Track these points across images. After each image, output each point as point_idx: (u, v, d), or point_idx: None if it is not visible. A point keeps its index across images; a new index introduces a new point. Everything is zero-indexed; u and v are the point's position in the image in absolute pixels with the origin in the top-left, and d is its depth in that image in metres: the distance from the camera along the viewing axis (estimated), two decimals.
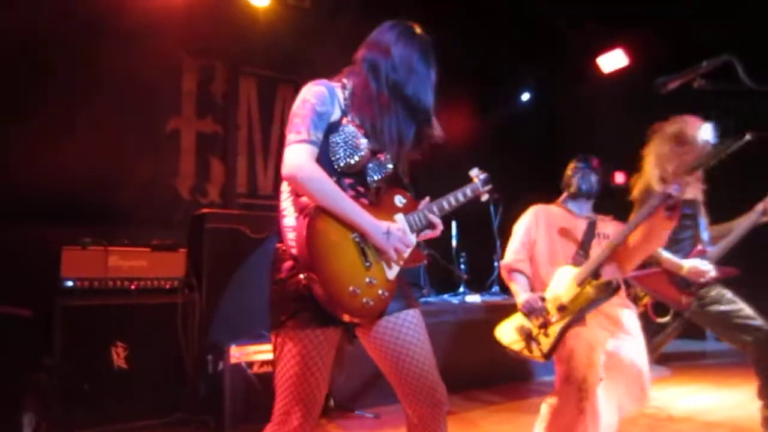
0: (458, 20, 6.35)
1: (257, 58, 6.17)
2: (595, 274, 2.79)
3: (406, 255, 1.89)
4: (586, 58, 6.88)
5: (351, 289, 1.76)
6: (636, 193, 3.41)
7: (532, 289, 3.03)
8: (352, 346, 2.00)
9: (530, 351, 2.79)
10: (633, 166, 3.45)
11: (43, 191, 4.52)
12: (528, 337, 2.80)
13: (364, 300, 1.78)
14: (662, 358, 4.24)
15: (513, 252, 3.14)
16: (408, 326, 1.90)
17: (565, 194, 3.25)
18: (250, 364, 3.58)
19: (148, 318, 3.68)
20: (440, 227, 2.02)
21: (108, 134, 5.06)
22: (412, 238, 1.92)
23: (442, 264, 5.70)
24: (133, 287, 3.68)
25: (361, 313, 1.80)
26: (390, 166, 2.02)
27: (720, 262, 3.28)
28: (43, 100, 4.76)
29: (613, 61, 6.66)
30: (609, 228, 3.12)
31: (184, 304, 3.78)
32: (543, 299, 2.86)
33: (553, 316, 2.78)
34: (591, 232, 3.05)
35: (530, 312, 2.84)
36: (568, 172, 3.23)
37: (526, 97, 7.72)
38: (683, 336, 3.67)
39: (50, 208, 4.53)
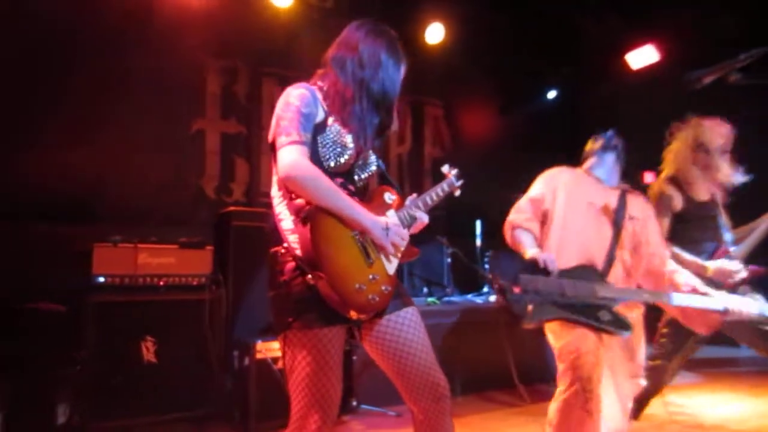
0: (481, 17, 6.33)
1: (279, 59, 6.21)
2: (614, 300, 2.61)
3: (402, 249, 1.93)
4: (611, 55, 6.79)
5: (357, 286, 1.78)
6: (651, 195, 3.36)
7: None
8: (354, 341, 2.01)
9: (517, 303, 2.47)
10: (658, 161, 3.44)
11: (75, 192, 4.61)
12: (525, 290, 2.48)
13: (370, 296, 1.80)
14: (693, 365, 4.15)
15: (518, 209, 2.87)
16: (407, 325, 1.93)
17: (592, 160, 3.01)
18: (276, 360, 3.60)
19: (176, 314, 3.73)
20: (426, 221, 2.06)
21: (135, 136, 5.14)
22: (406, 232, 1.96)
23: (466, 263, 5.69)
24: (161, 284, 3.72)
25: (367, 309, 1.81)
26: (375, 164, 2.06)
27: (745, 261, 3.17)
28: (71, 101, 4.85)
29: (643, 57, 6.53)
30: (638, 208, 2.88)
31: (210, 300, 3.83)
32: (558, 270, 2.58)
33: (562, 297, 2.53)
34: (622, 208, 2.79)
35: (539, 265, 2.54)
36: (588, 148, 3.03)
37: (551, 95, 7.64)
38: (715, 343, 3.58)
39: (81, 206, 4.62)
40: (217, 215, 4.48)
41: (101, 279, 3.53)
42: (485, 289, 5.68)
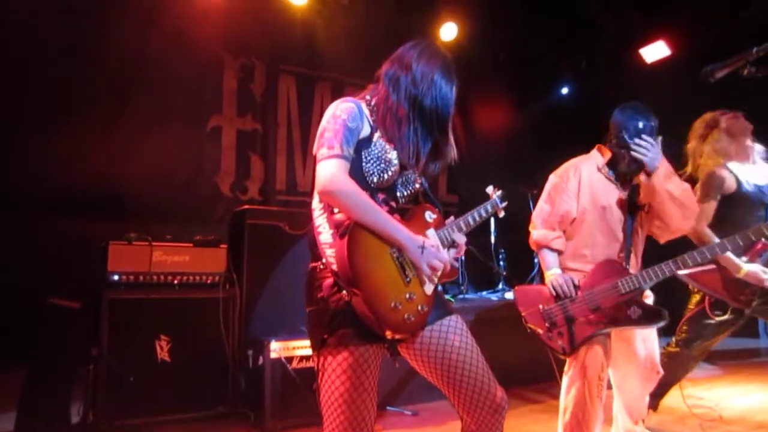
0: (497, 12, 6.28)
1: (296, 56, 6.24)
2: (640, 290, 2.62)
3: (439, 273, 1.86)
4: (627, 49, 6.72)
5: (393, 304, 1.73)
6: (700, 176, 3.36)
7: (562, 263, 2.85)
8: (398, 364, 1.94)
9: (550, 340, 2.65)
10: (677, 160, 3.39)
11: (91, 188, 4.68)
12: (552, 324, 2.64)
13: (406, 316, 1.75)
14: (713, 357, 4.09)
15: (544, 223, 2.88)
16: (453, 333, 1.86)
17: (608, 154, 2.89)
18: (290, 359, 3.60)
19: (190, 312, 3.74)
20: (464, 246, 2.01)
21: (151, 132, 5.19)
22: (445, 254, 1.89)
23: (481, 260, 5.65)
24: (175, 282, 3.74)
25: (403, 329, 1.77)
26: (417, 181, 2.02)
27: None
28: (89, 100, 4.93)
29: (655, 51, 6.50)
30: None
31: (224, 298, 3.83)
32: (577, 287, 2.68)
33: (585, 314, 2.63)
34: (634, 209, 2.78)
35: (558, 294, 2.69)
36: (623, 130, 2.77)
37: (565, 90, 7.62)
38: (736, 334, 3.53)
39: (98, 204, 4.69)
40: (232, 213, 4.48)
41: (116, 276, 3.55)
42: (500, 286, 5.65)
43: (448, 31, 6.23)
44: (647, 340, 2.85)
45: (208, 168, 5.76)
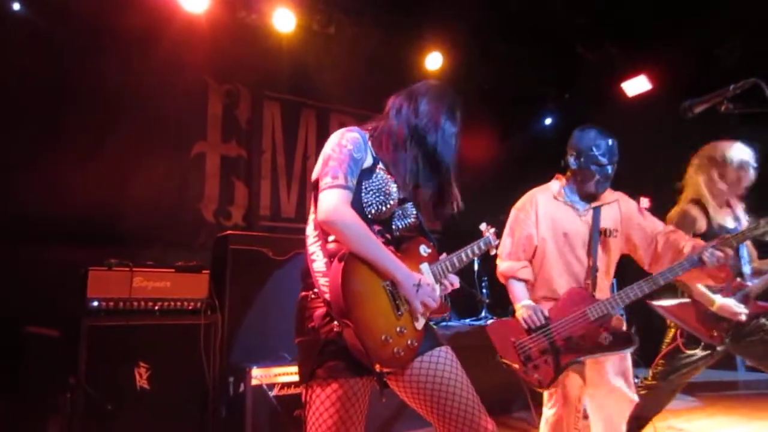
0: (482, 43, 6.40)
1: (281, 84, 6.28)
2: (608, 316, 2.61)
3: (432, 309, 1.87)
4: (610, 82, 6.86)
5: (383, 337, 1.72)
6: (673, 215, 3.38)
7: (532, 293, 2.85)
8: (384, 399, 1.89)
9: (526, 375, 2.62)
10: (658, 191, 3.43)
11: (71, 214, 4.62)
12: (527, 359, 2.61)
13: (395, 350, 1.75)
14: (692, 389, 4.11)
15: (509, 255, 2.88)
16: (443, 364, 1.86)
17: (567, 179, 2.94)
18: (272, 386, 3.56)
19: (170, 339, 3.68)
20: (457, 285, 2.03)
21: (135, 158, 5.17)
22: (438, 291, 1.90)
23: (464, 288, 5.65)
24: (156, 308, 3.69)
25: (392, 363, 1.76)
26: (414, 215, 2.02)
27: (762, 297, 3.15)
28: (72, 125, 4.90)
29: (636, 85, 6.65)
30: (612, 219, 2.85)
31: (206, 325, 3.78)
32: (546, 318, 2.66)
33: (558, 344, 2.61)
34: (596, 235, 2.79)
35: (530, 327, 2.66)
36: (583, 156, 2.83)
37: (548, 121, 7.75)
38: (714, 366, 3.55)
39: (77, 229, 4.62)
40: (215, 238, 4.45)
41: (95, 303, 3.49)
42: (483, 314, 5.65)
43: (434, 61, 6.33)
44: (620, 370, 2.83)
45: (192, 194, 5.74)
